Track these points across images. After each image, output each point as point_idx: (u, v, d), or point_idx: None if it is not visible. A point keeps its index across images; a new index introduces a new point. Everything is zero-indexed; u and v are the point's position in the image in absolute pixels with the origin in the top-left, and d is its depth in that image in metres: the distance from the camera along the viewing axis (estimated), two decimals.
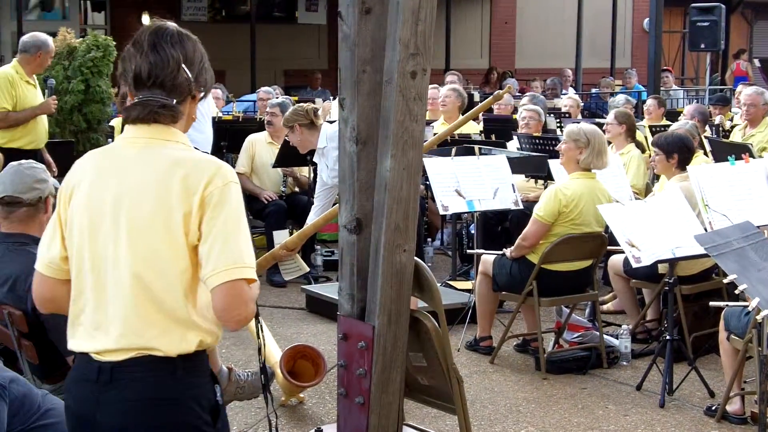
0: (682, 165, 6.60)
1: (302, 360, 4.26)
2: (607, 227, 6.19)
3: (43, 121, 7.91)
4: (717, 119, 10.33)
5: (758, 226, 5.40)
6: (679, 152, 6.62)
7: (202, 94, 2.82)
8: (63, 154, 8.17)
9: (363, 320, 3.97)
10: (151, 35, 2.74)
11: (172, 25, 2.80)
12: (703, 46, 16.43)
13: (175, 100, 2.72)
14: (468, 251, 7.96)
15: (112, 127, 9.94)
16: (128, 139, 2.74)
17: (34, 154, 7.58)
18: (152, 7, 17.94)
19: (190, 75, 2.73)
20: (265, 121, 9.10)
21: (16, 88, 7.72)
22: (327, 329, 7.04)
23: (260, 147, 9.01)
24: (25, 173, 4.32)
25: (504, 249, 6.46)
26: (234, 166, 9.36)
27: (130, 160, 2.70)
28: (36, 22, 15.74)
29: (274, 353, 5.33)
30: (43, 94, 8.01)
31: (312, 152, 8.59)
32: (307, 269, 6.75)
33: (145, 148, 2.70)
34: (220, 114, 10.29)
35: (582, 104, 12.93)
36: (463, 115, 10.30)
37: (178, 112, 2.72)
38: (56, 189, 4.41)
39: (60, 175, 4.88)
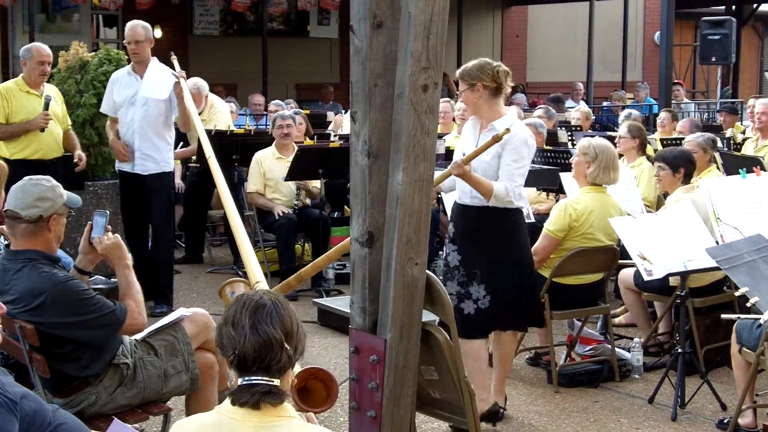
0: (687, 179, 6.62)
1: (314, 380, 4.23)
2: (619, 240, 6.18)
3: (50, 132, 7.91)
4: (728, 132, 10.31)
5: None
6: (685, 166, 6.63)
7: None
8: (74, 168, 8.20)
9: (375, 334, 3.97)
10: (250, 317, 2.77)
11: (266, 297, 2.83)
12: (714, 59, 16.41)
13: (279, 381, 2.78)
14: None
15: None
16: (237, 418, 2.77)
17: (46, 166, 7.60)
18: (164, 21, 18.03)
19: (291, 353, 2.80)
20: (280, 134, 9.03)
21: (10, 100, 7.78)
22: (339, 342, 7.04)
23: (269, 163, 8.98)
24: (29, 189, 4.30)
25: None
26: (245, 180, 9.38)
27: None
28: (48, 35, 15.81)
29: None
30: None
31: (323, 165, 8.61)
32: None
33: (259, 430, 2.75)
34: (233, 127, 10.29)
35: (593, 117, 12.88)
36: None
37: (283, 396, 2.79)
38: (68, 207, 4.41)
39: (73, 188, 4.86)
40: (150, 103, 7.74)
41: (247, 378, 2.76)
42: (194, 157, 9.32)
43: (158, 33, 18.33)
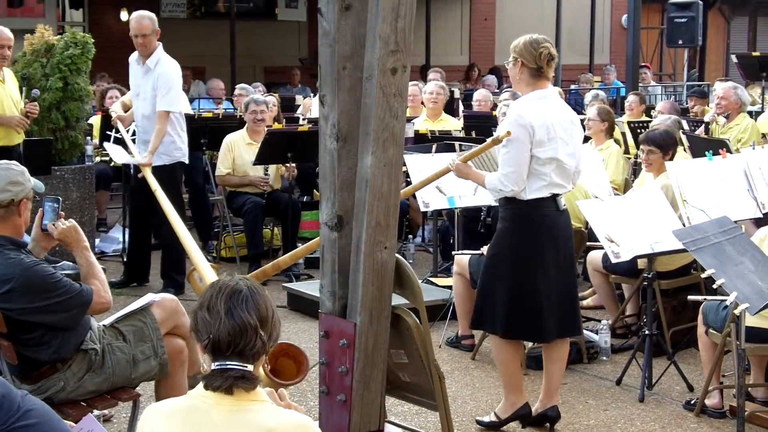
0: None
1: (284, 358, 4.26)
2: (587, 223, 6.20)
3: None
4: (707, 116, 10.31)
5: (735, 221, 5.44)
6: (673, 147, 6.68)
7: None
8: (41, 152, 8.12)
9: (344, 318, 3.98)
10: (226, 302, 2.78)
11: (242, 282, 2.84)
12: (680, 42, 16.50)
13: (252, 366, 2.78)
14: (453, 253, 7.97)
15: (91, 125, 9.88)
16: (210, 402, 2.76)
17: (10, 152, 7.53)
18: (131, 5, 17.85)
19: (266, 339, 2.80)
20: (253, 120, 8.94)
21: None
22: (308, 327, 7.04)
23: (240, 147, 8.91)
24: (0, 174, 4.30)
25: (482, 248, 6.46)
26: (211, 164, 9.33)
27: (220, 427, 2.73)
28: (12, 18, 15.63)
29: None
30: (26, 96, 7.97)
31: (291, 148, 8.57)
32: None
33: (233, 414, 2.73)
34: (190, 111, 10.20)
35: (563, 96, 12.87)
36: (445, 111, 10.36)
37: (256, 381, 2.79)
38: (36, 192, 4.39)
39: (37, 174, 4.82)
40: (149, 98, 7.80)
41: (220, 363, 2.77)
42: None
43: (125, 16, 18.19)
